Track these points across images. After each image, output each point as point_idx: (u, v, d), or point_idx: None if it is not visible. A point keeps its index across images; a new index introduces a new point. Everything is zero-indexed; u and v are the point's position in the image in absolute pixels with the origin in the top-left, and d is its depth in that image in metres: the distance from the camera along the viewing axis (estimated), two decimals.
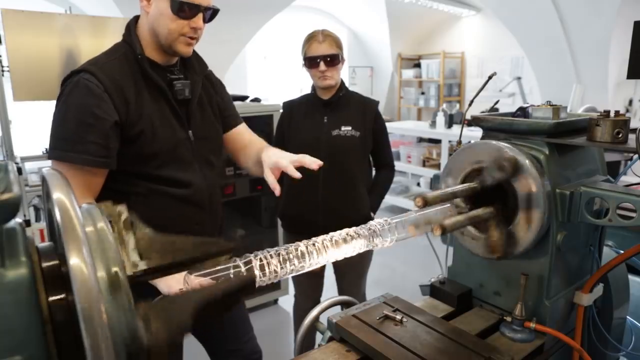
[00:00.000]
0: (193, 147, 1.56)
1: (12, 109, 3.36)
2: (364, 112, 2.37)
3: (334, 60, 2.24)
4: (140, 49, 1.48)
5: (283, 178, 2.37)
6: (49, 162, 4.01)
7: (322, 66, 2.22)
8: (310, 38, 2.28)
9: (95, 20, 3.53)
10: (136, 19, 1.56)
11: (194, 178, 1.55)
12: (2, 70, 3.19)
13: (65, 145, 1.37)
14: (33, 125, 5.32)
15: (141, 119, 1.43)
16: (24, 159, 3.26)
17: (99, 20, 3.53)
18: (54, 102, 1.47)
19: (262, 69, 7.67)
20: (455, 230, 1.14)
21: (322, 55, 2.22)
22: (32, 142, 4.10)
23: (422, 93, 8.97)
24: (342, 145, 2.30)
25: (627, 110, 6.79)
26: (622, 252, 1.28)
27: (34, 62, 3.25)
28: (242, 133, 1.80)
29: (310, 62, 2.26)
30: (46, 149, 3.50)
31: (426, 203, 1.08)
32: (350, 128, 2.31)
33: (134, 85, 1.45)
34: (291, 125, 2.41)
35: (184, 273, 1.25)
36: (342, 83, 2.39)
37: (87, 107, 1.36)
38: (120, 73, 1.43)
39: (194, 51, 1.58)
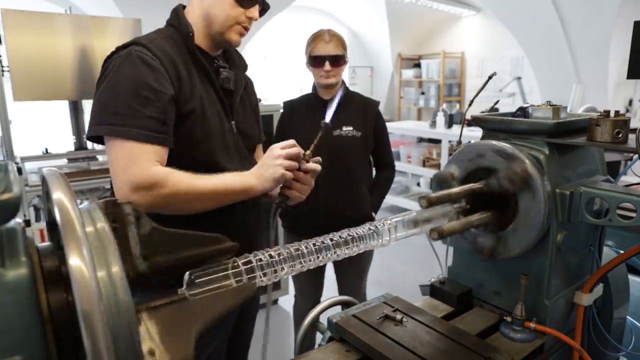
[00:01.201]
0: (235, 139, 1.52)
1: (12, 109, 3.36)
2: (365, 112, 2.38)
3: (339, 61, 2.25)
4: (191, 30, 1.43)
5: None
6: (49, 162, 3.98)
7: (328, 66, 2.23)
8: (316, 37, 2.28)
9: (95, 20, 3.53)
10: (183, 6, 1.52)
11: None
12: (2, 70, 3.19)
13: (118, 119, 1.24)
14: (33, 125, 5.33)
15: (193, 98, 1.38)
16: (24, 159, 3.26)
17: (99, 20, 3.54)
18: (54, 102, 1.44)
19: (262, 69, 7.67)
20: (451, 234, 1.14)
21: (328, 55, 2.23)
22: (32, 142, 4.11)
23: (422, 93, 8.98)
24: (344, 145, 2.30)
25: (627, 110, 6.80)
26: (622, 252, 1.28)
27: (34, 62, 3.25)
28: (258, 154, 1.73)
29: (315, 61, 2.26)
30: (46, 150, 3.50)
31: (430, 203, 1.08)
32: (351, 128, 2.32)
33: (184, 64, 1.40)
34: (292, 125, 2.40)
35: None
36: (344, 83, 2.39)
37: (143, 78, 1.27)
38: (171, 50, 1.38)
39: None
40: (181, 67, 1.38)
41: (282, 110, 2.54)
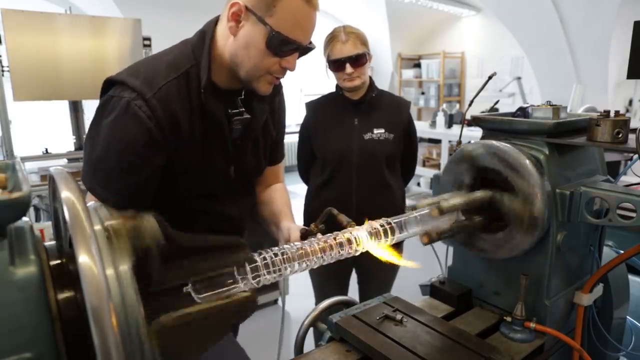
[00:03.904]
0: (231, 182, 1.40)
1: (12, 109, 3.36)
2: (398, 112, 2.21)
3: (360, 60, 2.04)
4: (207, 75, 1.21)
5: (309, 179, 2.29)
6: (48, 162, 3.98)
7: (349, 68, 2.03)
8: (332, 38, 2.08)
9: (95, 20, 3.53)
10: (215, 21, 1.27)
11: (227, 210, 1.42)
12: (2, 70, 3.20)
13: (102, 180, 1.18)
14: (33, 125, 5.33)
15: (187, 158, 1.25)
16: (23, 159, 3.26)
17: (99, 20, 3.54)
18: (54, 102, 1.40)
19: None
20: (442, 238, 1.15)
21: (347, 56, 2.02)
22: (32, 142, 4.11)
23: (422, 93, 8.98)
24: (376, 149, 2.13)
25: (627, 110, 6.80)
26: (622, 252, 1.28)
27: (34, 62, 3.25)
28: (276, 172, 1.64)
29: (335, 65, 2.07)
30: (46, 150, 3.50)
31: (442, 212, 1.09)
32: (383, 130, 2.14)
33: (189, 115, 1.22)
34: (317, 128, 2.22)
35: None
36: (372, 81, 2.19)
37: (134, 143, 1.14)
38: (177, 100, 1.19)
39: None
40: (184, 122, 1.21)
41: (305, 113, 2.32)
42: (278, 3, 1.14)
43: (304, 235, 1.32)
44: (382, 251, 0.98)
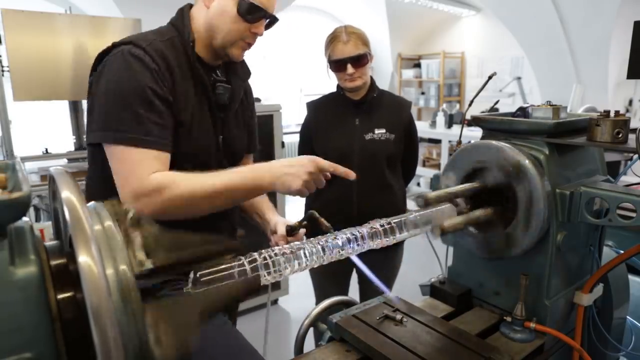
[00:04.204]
0: (219, 156, 1.47)
1: (12, 109, 3.36)
2: (399, 112, 2.22)
3: (361, 60, 2.06)
4: (193, 38, 1.36)
5: None
6: (48, 162, 3.98)
7: (350, 69, 2.04)
8: (333, 38, 2.08)
9: (95, 20, 3.53)
10: (190, 5, 1.44)
11: None
12: (2, 70, 3.20)
13: (122, 125, 1.20)
14: (33, 125, 5.33)
15: (185, 109, 1.33)
16: (23, 159, 3.26)
17: (99, 20, 3.54)
18: (54, 102, 1.41)
19: (261, 69, 7.68)
20: (454, 231, 1.15)
21: (348, 57, 2.03)
22: (32, 142, 4.11)
23: (422, 93, 8.98)
24: (377, 150, 2.13)
25: (627, 110, 6.81)
26: (622, 252, 1.28)
27: (34, 62, 3.25)
28: (248, 162, 1.69)
29: (336, 65, 2.08)
30: (46, 150, 3.50)
31: (427, 203, 1.09)
32: (384, 131, 2.14)
33: (181, 72, 1.33)
34: (318, 128, 2.23)
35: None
36: (373, 81, 2.21)
37: (145, 82, 1.22)
38: (170, 55, 1.31)
39: None
40: (178, 75, 1.32)
41: (305, 113, 2.34)
42: None
43: (289, 232, 1.44)
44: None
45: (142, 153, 1.21)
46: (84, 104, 3.80)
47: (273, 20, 1.44)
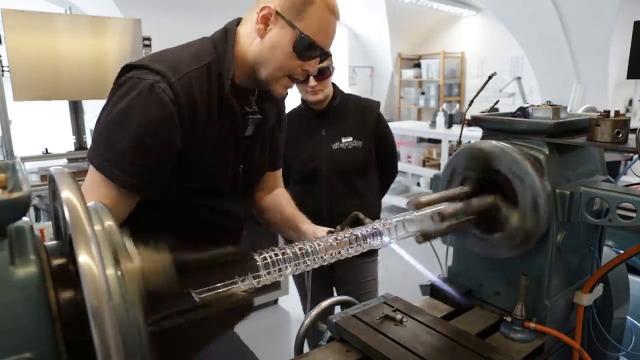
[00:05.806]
0: (238, 182, 1.39)
1: (12, 109, 3.36)
2: (364, 117, 2.18)
3: (324, 74, 2.01)
4: (232, 72, 1.24)
5: (288, 184, 2.28)
6: (48, 162, 3.97)
7: (312, 81, 2.00)
8: None
9: (95, 20, 3.53)
10: (238, 21, 1.32)
11: (232, 208, 1.41)
12: (2, 70, 3.20)
13: (111, 156, 1.15)
14: (33, 125, 5.33)
15: (200, 149, 1.25)
16: (23, 159, 3.27)
17: (99, 20, 3.54)
18: (54, 102, 1.38)
19: None
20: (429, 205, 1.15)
21: None
22: (32, 142, 4.11)
23: (422, 93, 8.98)
24: (345, 159, 2.11)
25: (627, 110, 6.81)
26: (622, 252, 1.28)
27: (34, 62, 3.26)
28: (277, 177, 1.68)
29: None
30: (46, 150, 3.50)
31: (419, 206, 1.09)
32: (351, 139, 2.12)
33: (208, 106, 1.23)
34: (288, 140, 2.24)
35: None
36: (335, 88, 2.17)
37: (153, 123, 1.14)
38: (198, 90, 1.20)
39: None
40: (202, 112, 1.22)
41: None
42: (307, 9, 1.19)
43: None
44: None
45: (104, 182, 1.15)
46: (84, 104, 3.80)
47: (326, 55, 1.33)
